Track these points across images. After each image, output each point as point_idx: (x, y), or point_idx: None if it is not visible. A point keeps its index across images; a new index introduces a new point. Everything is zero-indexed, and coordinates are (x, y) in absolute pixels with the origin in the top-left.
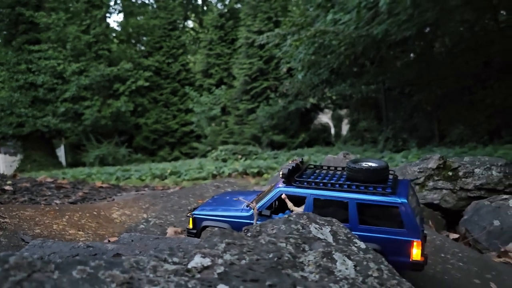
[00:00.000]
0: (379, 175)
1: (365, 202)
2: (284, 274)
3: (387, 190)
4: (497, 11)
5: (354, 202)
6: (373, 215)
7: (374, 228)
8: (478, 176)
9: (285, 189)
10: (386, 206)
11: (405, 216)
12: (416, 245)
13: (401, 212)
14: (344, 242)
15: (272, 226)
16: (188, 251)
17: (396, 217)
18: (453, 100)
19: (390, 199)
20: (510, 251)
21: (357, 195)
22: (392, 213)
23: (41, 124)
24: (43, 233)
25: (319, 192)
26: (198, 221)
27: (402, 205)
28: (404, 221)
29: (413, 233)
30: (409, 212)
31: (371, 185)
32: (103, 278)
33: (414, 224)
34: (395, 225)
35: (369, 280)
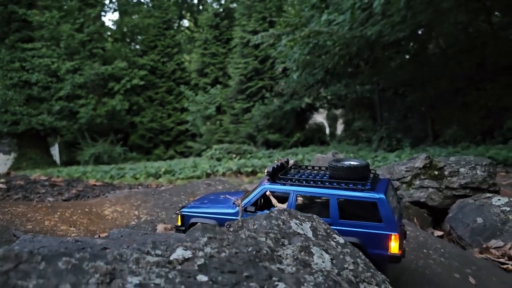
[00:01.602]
0: (360, 173)
1: (345, 198)
2: (261, 266)
3: (366, 187)
4: (491, 13)
5: (335, 198)
6: (353, 211)
7: (354, 223)
8: (463, 175)
9: (270, 186)
10: (365, 201)
11: (383, 211)
12: (394, 238)
13: (379, 207)
14: (323, 237)
15: (254, 221)
16: (170, 244)
17: (374, 212)
18: (447, 101)
19: (369, 194)
20: (491, 247)
21: (337, 191)
22: (371, 208)
23: (36, 122)
24: (34, 229)
25: (302, 189)
26: (186, 218)
27: (380, 200)
28: (382, 215)
29: (391, 227)
30: (386, 207)
31: (351, 182)
32: (87, 269)
33: (392, 218)
34: (374, 219)
35: (344, 272)
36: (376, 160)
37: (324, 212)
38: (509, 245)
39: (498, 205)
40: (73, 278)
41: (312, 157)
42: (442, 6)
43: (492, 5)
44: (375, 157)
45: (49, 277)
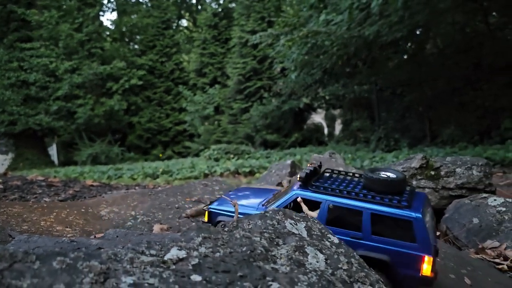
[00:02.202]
0: (396, 187)
1: (379, 213)
2: (255, 266)
3: (402, 203)
4: (488, 13)
5: (369, 212)
6: (386, 227)
7: (386, 240)
8: (459, 175)
9: (302, 192)
10: (400, 219)
11: (418, 231)
12: (427, 260)
13: (415, 227)
14: (318, 237)
15: (249, 221)
16: (165, 244)
17: (409, 231)
18: (444, 101)
19: (404, 212)
20: (487, 247)
21: (372, 205)
22: (406, 226)
23: (34, 122)
24: (30, 230)
25: (335, 199)
26: (213, 215)
27: (416, 220)
28: (417, 235)
29: (425, 248)
30: (422, 227)
31: (387, 197)
32: (81, 268)
33: (427, 239)
34: (408, 238)
35: (338, 272)
36: (374, 161)
37: (356, 226)
38: (504, 245)
39: (494, 206)
40: (67, 278)
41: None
42: (439, 7)
43: (489, 5)
44: (373, 158)
45: (43, 276)
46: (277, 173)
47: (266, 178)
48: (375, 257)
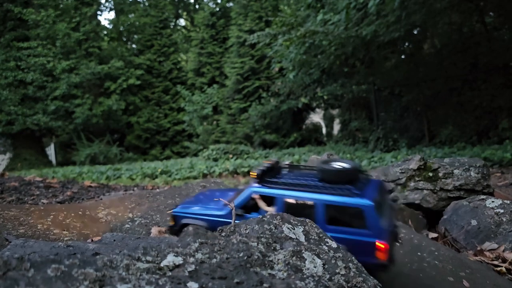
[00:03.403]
0: (349, 176)
1: (331, 203)
2: (252, 272)
3: (353, 192)
4: (484, 13)
5: (321, 203)
6: (340, 216)
7: (340, 229)
8: (457, 177)
9: (257, 189)
10: (352, 207)
11: (370, 218)
12: (380, 246)
13: (366, 214)
14: (315, 241)
15: (246, 226)
16: (161, 250)
17: (361, 218)
18: (442, 101)
19: (355, 200)
20: (485, 249)
21: (323, 196)
22: (357, 214)
23: (31, 122)
24: (27, 233)
25: (288, 193)
26: (178, 218)
27: (367, 207)
28: (369, 222)
29: (378, 234)
30: (373, 214)
31: (339, 187)
32: (76, 276)
33: (379, 225)
34: (360, 226)
35: (336, 277)
36: (373, 161)
37: (311, 217)
38: (502, 247)
39: (492, 207)
40: (62, 286)
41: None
42: (436, 7)
43: (485, 5)
44: (371, 158)
45: (37, 284)
46: None
47: None
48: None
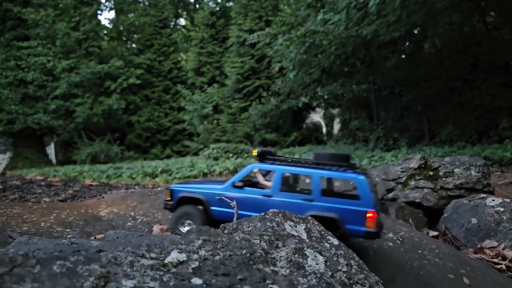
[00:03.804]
0: (341, 160)
1: (328, 177)
2: (255, 269)
3: (347, 168)
4: (485, 13)
5: (318, 176)
6: (334, 189)
7: (334, 199)
8: (457, 175)
9: (258, 165)
10: (345, 180)
11: (361, 189)
12: (370, 215)
13: (358, 186)
14: (317, 239)
15: (248, 223)
16: (165, 247)
17: (353, 190)
18: (443, 100)
19: (349, 174)
20: (485, 247)
21: (320, 170)
22: (350, 186)
23: (32, 121)
24: (30, 231)
25: (287, 168)
26: (175, 192)
27: (359, 180)
28: (360, 193)
29: (368, 204)
30: (365, 186)
31: (333, 164)
32: (81, 272)
33: (369, 196)
34: (353, 196)
35: (338, 274)
36: (373, 160)
37: (307, 190)
38: (502, 245)
39: (492, 206)
40: (67, 282)
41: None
42: (436, 6)
43: (486, 5)
44: (372, 157)
45: (43, 280)
46: None
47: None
48: (325, 216)
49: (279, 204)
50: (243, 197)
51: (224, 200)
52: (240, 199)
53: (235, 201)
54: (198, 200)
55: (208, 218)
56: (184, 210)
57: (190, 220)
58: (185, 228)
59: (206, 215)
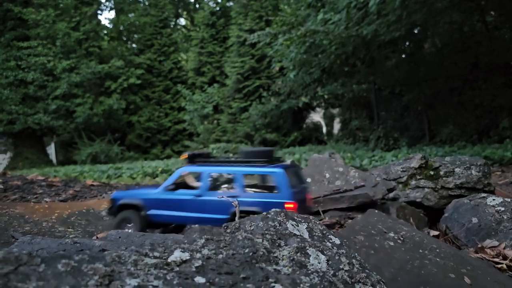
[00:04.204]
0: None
1: (248, 173)
2: (257, 267)
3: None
4: (485, 12)
5: (240, 174)
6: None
7: (256, 194)
8: (458, 175)
9: (187, 168)
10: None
11: (279, 183)
12: (290, 206)
13: (276, 179)
14: (319, 238)
15: (250, 223)
16: (168, 246)
17: (272, 183)
18: (443, 100)
19: (267, 169)
20: (486, 247)
21: (241, 167)
22: (269, 180)
23: (32, 121)
24: (33, 230)
25: (213, 168)
26: (115, 201)
27: (276, 174)
28: (278, 186)
29: (286, 196)
30: (282, 179)
31: (255, 161)
32: (86, 271)
33: (287, 188)
34: (272, 190)
35: (340, 273)
36: (374, 160)
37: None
38: (503, 244)
39: (493, 205)
40: (72, 280)
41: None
42: (436, 6)
43: (486, 4)
44: (372, 157)
45: (48, 279)
46: None
47: None
48: (248, 210)
49: (207, 202)
50: (175, 198)
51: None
52: (173, 201)
53: (237, 201)
54: (135, 206)
55: (147, 222)
56: (123, 215)
57: (130, 224)
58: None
59: (144, 219)
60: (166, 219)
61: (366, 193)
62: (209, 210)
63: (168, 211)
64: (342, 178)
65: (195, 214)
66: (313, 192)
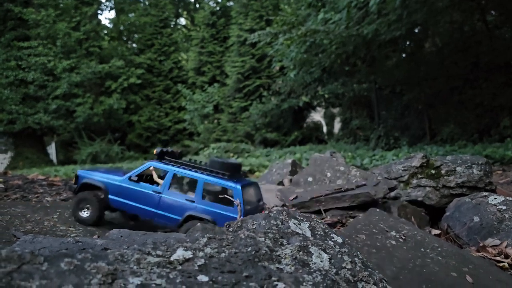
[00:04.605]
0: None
1: (209, 182)
2: (260, 266)
3: (227, 177)
4: (485, 12)
5: (202, 181)
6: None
7: (212, 204)
8: (459, 174)
9: (155, 163)
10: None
11: (235, 197)
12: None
13: (234, 194)
14: (321, 236)
15: (253, 221)
16: (171, 244)
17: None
18: (443, 99)
19: (227, 182)
20: (488, 246)
21: (205, 176)
22: (226, 194)
23: (33, 121)
24: (34, 229)
25: (178, 170)
26: (80, 178)
27: (235, 189)
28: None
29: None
30: (239, 195)
31: (218, 172)
32: (89, 269)
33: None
34: (227, 203)
35: (342, 271)
36: (374, 159)
37: (191, 193)
38: (505, 243)
39: (494, 204)
40: (75, 279)
41: (310, 156)
42: (437, 5)
43: (486, 3)
44: (373, 156)
45: (51, 278)
46: (278, 172)
47: (267, 177)
48: (201, 217)
49: (165, 201)
50: (136, 190)
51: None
52: (134, 192)
53: (238, 200)
54: (98, 187)
55: (105, 205)
56: (84, 195)
57: (89, 205)
58: (85, 213)
59: (104, 202)
60: (124, 207)
61: (368, 192)
62: (165, 208)
63: (127, 200)
64: (343, 177)
65: (151, 208)
66: (314, 191)
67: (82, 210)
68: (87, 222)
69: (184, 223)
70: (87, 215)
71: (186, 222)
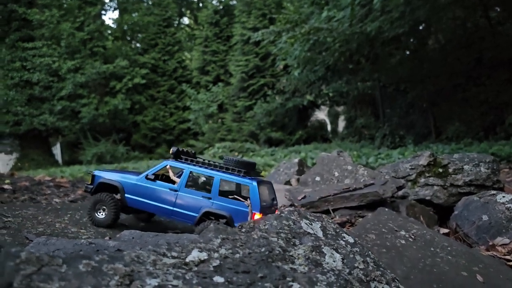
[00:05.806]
0: (245, 167)
1: (226, 179)
2: (274, 266)
3: (243, 174)
4: (488, 8)
5: (218, 178)
6: (230, 191)
7: (228, 200)
8: (467, 172)
9: (171, 162)
10: (240, 184)
11: (252, 194)
12: (256, 216)
13: (250, 190)
14: (333, 236)
15: (264, 222)
16: (185, 245)
17: (245, 193)
18: (447, 97)
19: (243, 179)
20: (497, 244)
21: (221, 173)
22: (243, 190)
23: (38, 122)
24: (46, 231)
25: (194, 168)
26: (96, 178)
27: (252, 186)
28: (250, 197)
29: (255, 207)
30: (255, 191)
31: (234, 169)
32: (106, 271)
33: (257, 200)
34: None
35: (355, 271)
36: (380, 158)
37: (208, 189)
38: None
39: (503, 202)
40: (93, 280)
41: (315, 155)
42: (440, 2)
43: (489, 0)
44: (378, 154)
45: (70, 279)
46: (285, 172)
47: (275, 177)
48: (219, 213)
49: (182, 198)
50: (153, 188)
51: (138, 190)
52: (151, 190)
53: (249, 200)
54: (114, 187)
55: (122, 204)
56: (99, 197)
57: (105, 206)
58: (101, 214)
59: (120, 202)
60: (141, 205)
61: (376, 191)
62: (182, 205)
63: (144, 199)
64: (351, 176)
65: (168, 206)
66: (323, 190)
67: (98, 211)
68: (103, 223)
69: (201, 220)
70: (103, 216)
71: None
